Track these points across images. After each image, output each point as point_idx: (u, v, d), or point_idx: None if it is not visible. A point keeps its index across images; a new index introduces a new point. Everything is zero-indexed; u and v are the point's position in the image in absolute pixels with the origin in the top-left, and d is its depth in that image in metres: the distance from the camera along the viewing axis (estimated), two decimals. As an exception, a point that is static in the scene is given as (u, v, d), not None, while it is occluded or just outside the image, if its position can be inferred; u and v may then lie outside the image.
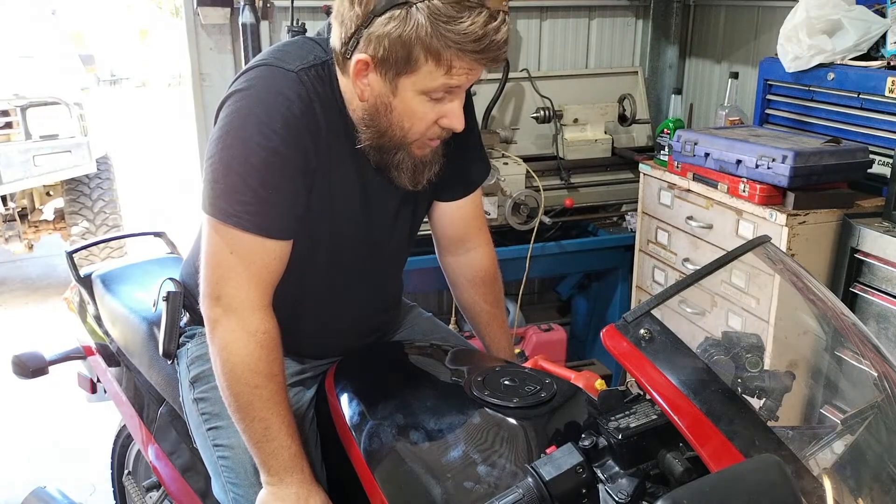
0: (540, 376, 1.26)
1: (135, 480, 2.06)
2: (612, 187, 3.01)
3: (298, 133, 1.18)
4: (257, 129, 1.16)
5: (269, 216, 1.19)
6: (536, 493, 0.92)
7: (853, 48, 2.10)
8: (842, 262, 1.96)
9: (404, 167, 1.27)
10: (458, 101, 1.21)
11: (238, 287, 1.19)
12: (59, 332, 2.20)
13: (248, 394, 1.20)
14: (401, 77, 1.16)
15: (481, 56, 1.13)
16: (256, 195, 1.17)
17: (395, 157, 1.26)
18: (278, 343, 1.23)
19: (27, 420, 3.20)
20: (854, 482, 0.98)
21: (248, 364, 1.19)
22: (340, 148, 1.26)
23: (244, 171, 1.16)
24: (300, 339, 1.43)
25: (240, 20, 2.52)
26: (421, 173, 1.30)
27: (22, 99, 4.19)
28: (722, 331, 1.13)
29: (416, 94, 1.18)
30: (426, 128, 1.23)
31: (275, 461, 1.21)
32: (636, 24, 3.21)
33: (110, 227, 4.69)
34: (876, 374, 1.05)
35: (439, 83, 1.16)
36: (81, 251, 2.29)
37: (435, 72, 1.14)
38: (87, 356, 1.98)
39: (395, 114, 1.20)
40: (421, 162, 1.28)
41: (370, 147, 1.26)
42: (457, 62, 1.13)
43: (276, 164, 1.17)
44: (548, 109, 2.90)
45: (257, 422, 1.21)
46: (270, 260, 1.22)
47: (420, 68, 1.14)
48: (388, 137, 1.23)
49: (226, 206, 1.17)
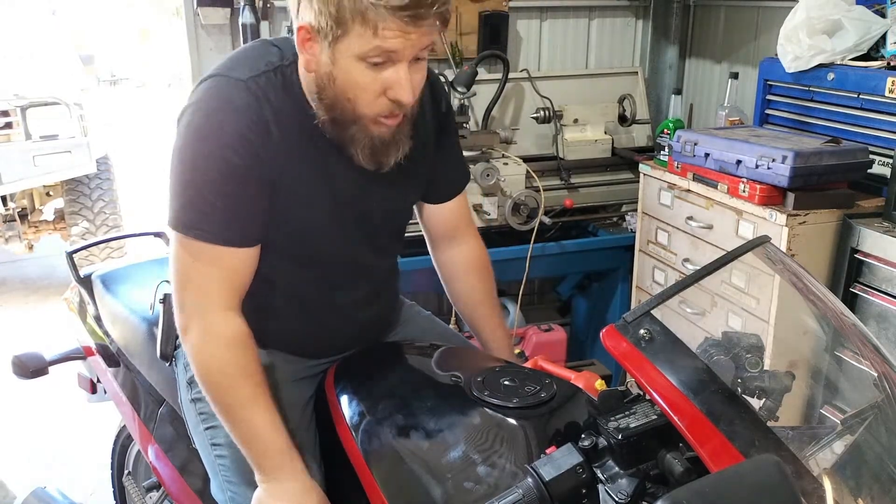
0: (540, 376, 1.25)
1: (135, 480, 2.06)
2: (612, 187, 3.01)
3: (250, 142, 1.19)
4: (210, 143, 1.18)
5: (228, 226, 1.21)
6: (536, 493, 0.92)
7: (853, 48, 2.10)
8: (842, 263, 1.96)
9: (361, 145, 1.24)
10: (401, 69, 1.16)
11: (202, 294, 1.22)
12: (59, 332, 2.20)
13: (224, 396, 1.22)
14: (336, 43, 1.14)
15: (407, 14, 1.09)
16: (214, 207, 1.19)
17: (349, 132, 1.23)
18: (248, 343, 1.24)
19: (27, 420, 3.20)
20: (854, 482, 0.98)
21: (219, 367, 1.21)
22: (304, 150, 1.25)
23: (200, 184, 1.19)
24: (296, 339, 1.43)
25: (240, 20, 2.52)
26: (383, 154, 1.26)
27: (22, 99, 4.19)
28: (722, 331, 1.13)
29: (353, 60, 1.15)
30: (372, 99, 1.19)
31: (265, 460, 1.22)
32: (636, 24, 3.21)
33: (110, 227, 4.69)
34: (876, 374, 1.05)
35: (371, 46, 1.12)
36: (81, 251, 2.29)
37: (363, 34, 1.11)
38: (87, 356, 1.98)
39: (337, 84, 1.18)
40: (381, 140, 1.24)
41: (326, 122, 1.23)
42: (382, 22, 1.10)
43: (231, 174, 1.19)
44: (548, 109, 2.90)
45: (240, 423, 1.22)
46: (234, 266, 1.24)
47: (349, 30, 1.11)
48: (338, 110, 1.21)
49: (186, 219, 1.20)
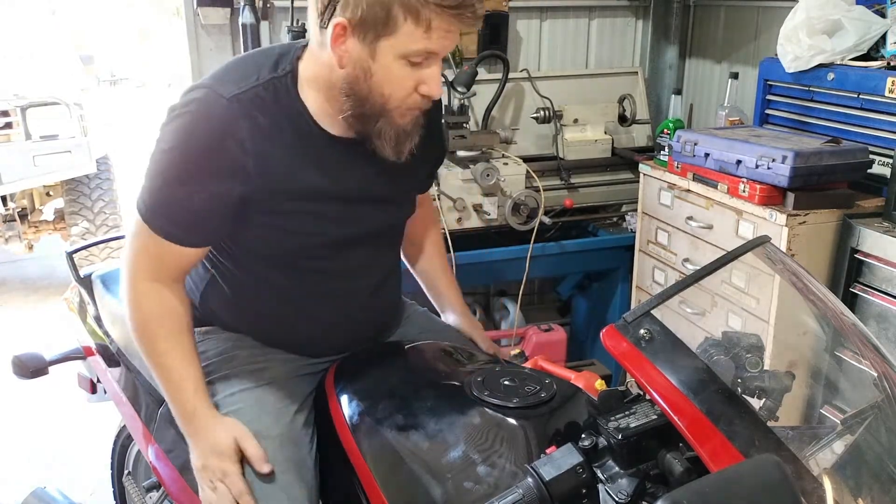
0: (540, 376, 1.26)
1: (135, 480, 2.06)
2: (612, 187, 3.00)
3: (220, 161, 1.23)
4: (183, 153, 1.23)
5: (183, 228, 1.26)
6: (536, 493, 0.92)
7: (853, 48, 2.10)
8: (842, 263, 1.96)
9: (386, 136, 1.27)
10: (436, 66, 1.22)
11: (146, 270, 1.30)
12: (59, 332, 2.20)
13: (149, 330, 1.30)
14: (380, 40, 1.16)
15: (458, 12, 1.14)
16: (172, 209, 1.26)
17: (376, 125, 1.26)
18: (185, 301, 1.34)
19: (27, 420, 3.20)
20: (854, 482, 0.98)
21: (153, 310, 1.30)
22: (301, 154, 1.28)
23: (166, 184, 1.25)
24: (296, 338, 1.44)
25: (240, 21, 2.52)
26: (403, 143, 1.29)
27: (22, 99, 4.18)
28: (722, 331, 1.13)
29: (395, 58, 1.18)
30: (406, 95, 1.23)
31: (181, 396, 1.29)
32: (636, 24, 3.21)
33: (110, 227, 4.69)
34: (876, 374, 1.05)
35: (420, 46, 1.16)
36: (81, 251, 2.29)
37: (414, 32, 1.14)
38: (87, 356, 1.98)
39: (374, 79, 1.20)
40: (403, 131, 1.28)
41: (351, 117, 1.26)
42: (435, 20, 1.14)
43: (195, 187, 1.24)
44: (548, 109, 2.89)
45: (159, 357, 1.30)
46: (178, 259, 1.30)
47: (399, 29, 1.14)
48: (368, 105, 1.23)
49: (148, 211, 1.26)
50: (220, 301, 1.44)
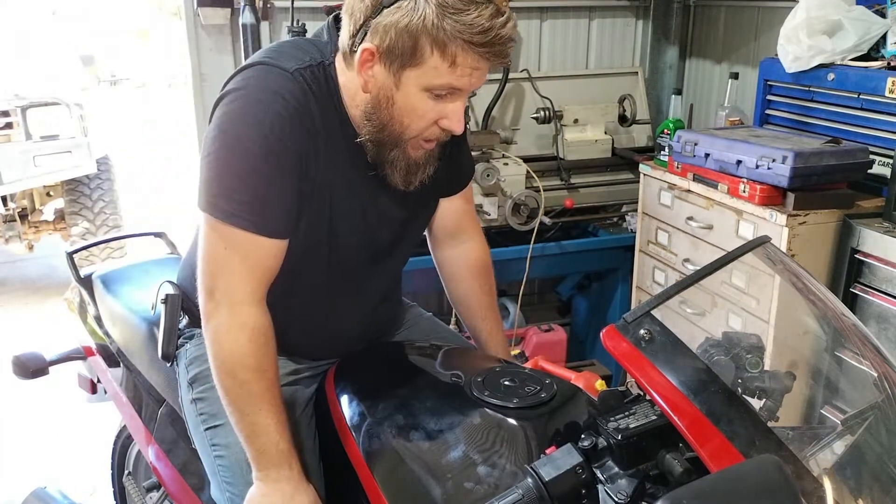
0: (540, 377, 1.26)
1: (135, 480, 2.06)
2: (612, 188, 3.01)
3: (294, 133, 1.19)
4: (253, 129, 1.17)
5: (266, 215, 1.20)
6: (536, 493, 0.92)
7: (853, 48, 2.10)
8: (842, 263, 1.96)
9: (398, 166, 1.28)
10: (460, 102, 1.22)
11: (232, 282, 1.21)
12: (59, 332, 2.20)
13: (237, 388, 1.21)
14: (405, 70, 1.16)
15: (486, 50, 1.14)
16: (254, 194, 1.18)
17: (390, 153, 1.26)
18: (270, 339, 1.24)
19: (27, 420, 3.20)
20: (854, 482, 0.98)
21: (237, 358, 1.21)
22: (338, 149, 1.27)
23: (241, 170, 1.18)
24: (298, 340, 1.43)
25: (240, 21, 2.52)
26: (413, 174, 1.29)
27: (22, 99, 4.19)
28: (722, 331, 1.13)
29: (418, 89, 1.18)
30: (425, 127, 1.23)
31: (263, 457, 1.22)
32: (636, 24, 3.21)
33: (110, 227, 4.69)
34: (876, 374, 1.05)
35: (444, 81, 1.16)
36: (81, 251, 2.29)
37: (440, 66, 1.14)
38: (87, 356, 1.98)
39: (396, 108, 1.21)
40: (414, 163, 1.28)
41: (369, 142, 1.26)
42: (461, 56, 1.13)
43: (273, 163, 1.18)
44: (548, 110, 2.90)
45: (247, 416, 1.22)
46: (266, 257, 1.23)
47: (425, 61, 1.15)
48: (387, 132, 1.24)
49: (223, 204, 1.19)
50: None
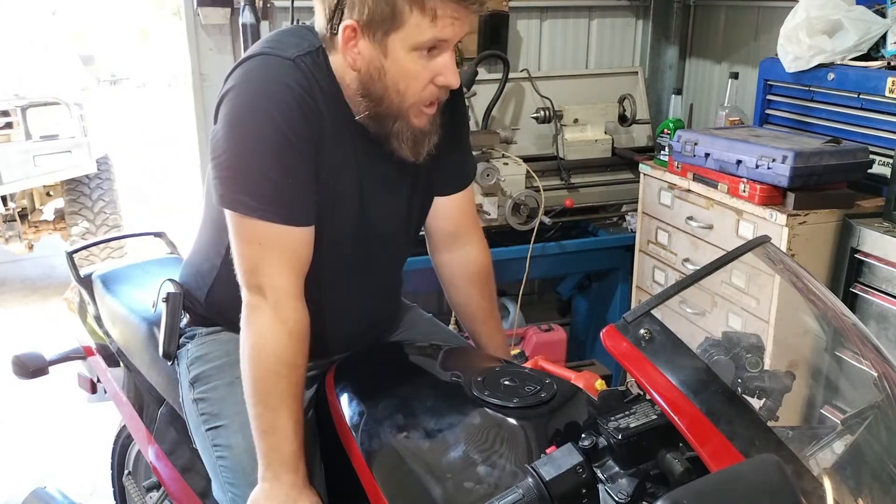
0: (540, 376, 1.25)
1: (135, 480, 2.06)
2: (612, 187, 3.01)
3: (303, 119, 1.19)
4: (264, 120, 1.17)
5: (291, 205, 1.21)
6: (536, 493, 0.92)
7: (853, 48, 2.10)
8: (842, 263, 1.96)
9: (404, 137, 1.27)
10: (448, 54, 1.21)
11: (272, 276, 1.22)
12: (59, 332, 2.20)
13: (269, 381, 1.21)
14: (389, 35, 1.17)
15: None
16: (276, 186, 1.19)
17: (394, 126, 1.26)
18: (306, 336, 1.25)
19: (27, 420, 3.20)
20: (854, 482, 0.98)
21: (277, 353, 1.21)
22: (340, 134, 1.27)
23: (259, 162, 1.18)
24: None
25: (240, 20, 2.52)
26: (421, 144, 1.29)
27: (22, 99, 4.19)
28: (722, 331, 1.13)
29: (407, 51, 1.18)
30: (422, 88, 1.22)
31: (274, 455, 1.21)
32: (636, 24, 3.21)
33: (110, 227, 4.69)
34: (876, 374, 1.05)
35: (428, 36, 1.16)
36: (81, 251, 2.29)
37: (422, 22, 1.15)
38: (87, 356, 1.98)
39: (389, 76, 1.21)
40: (420, 131, 1.28)
41: (368, 118, 1.26)
42: (441, 8, 1.14)
43: (289, 151, 1.19)
44: (548, 110, 2.90)
45: (269, 411, 1.21)
46: (299, 247, 1.24)
47: (406, 21, 1.15)
48: (385, 105, 1.23)
49: (248, 199, 1.19)
50: (226, 299, 1.42)
